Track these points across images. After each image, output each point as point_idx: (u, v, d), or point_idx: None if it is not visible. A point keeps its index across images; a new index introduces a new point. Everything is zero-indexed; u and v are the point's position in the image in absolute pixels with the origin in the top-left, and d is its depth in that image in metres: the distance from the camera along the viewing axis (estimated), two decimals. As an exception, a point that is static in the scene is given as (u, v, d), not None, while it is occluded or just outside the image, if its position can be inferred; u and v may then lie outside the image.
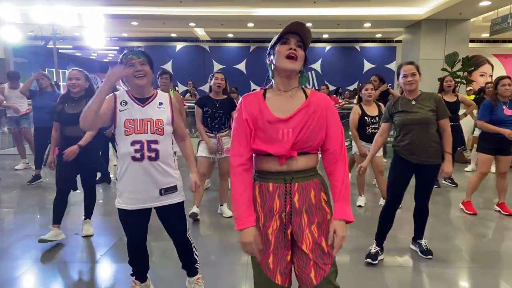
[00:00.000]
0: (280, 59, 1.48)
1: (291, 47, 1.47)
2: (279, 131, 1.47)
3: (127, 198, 2.13)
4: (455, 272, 2.89)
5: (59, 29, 6.99)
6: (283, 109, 1.50)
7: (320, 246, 1.50)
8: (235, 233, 3.71)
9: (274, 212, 1.51)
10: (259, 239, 1.50)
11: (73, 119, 3.12)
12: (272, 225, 1.51)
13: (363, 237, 3.65)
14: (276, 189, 1.50)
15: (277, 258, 1.51)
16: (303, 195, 1.51)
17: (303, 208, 1.51)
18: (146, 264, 2.39)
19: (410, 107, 2.88)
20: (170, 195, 2.18)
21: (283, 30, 1.50)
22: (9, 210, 4.34)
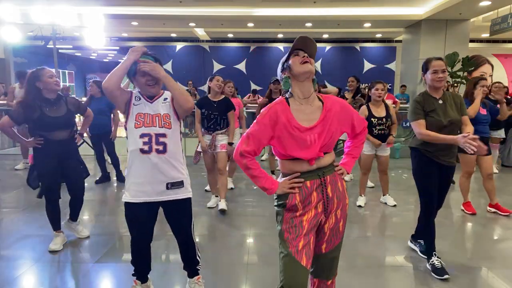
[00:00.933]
0: (296, 66, 1.73)
1: (302, 56, 1.74)
2: (307, 138, 1.71)
3: (134, 191, 2.17)
4: (455, 272, 2.89)
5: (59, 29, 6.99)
6: (307, 118, 1.74)
7: (338, 226, 1.82)
8: (235, 233, 3.71)
9: (312, 203, 1.75)
10: (286, 182, 1.75)
11: (59, 122, 3.07)
12: (308, 214, 1.74)
13: (363, 236, 3.66)
14: (313, 184, 1.75)
15: (305, 241, 1.71)
16: (333, 186, 1.79)
17: (334, 196, 1.78)
18: (149, 264, 2.39)
19: (440, 107, 2.71)
20: (177, 190, 2.22)
21: (292, 46, 1.76)
22: (9, 210, 4.34)
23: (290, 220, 1.74)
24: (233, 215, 4.19)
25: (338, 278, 2.24)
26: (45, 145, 3.08)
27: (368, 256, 3.19)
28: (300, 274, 1.67)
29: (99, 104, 5.09)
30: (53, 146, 3.10)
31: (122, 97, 2.14)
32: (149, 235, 2.30)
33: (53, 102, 3.08)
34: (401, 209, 4.41)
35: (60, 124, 3.09)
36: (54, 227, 3.32)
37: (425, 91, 2.80)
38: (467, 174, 4.21)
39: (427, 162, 2.79)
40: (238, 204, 4.56)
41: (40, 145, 3.08)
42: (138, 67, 2.11)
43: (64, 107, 3.15)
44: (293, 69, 1.74)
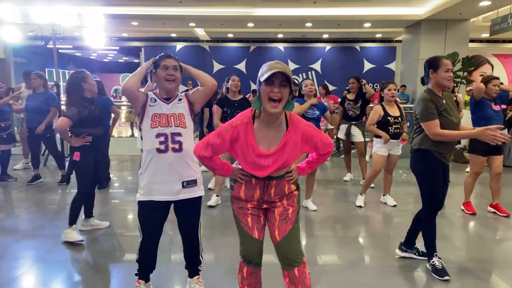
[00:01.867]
0: (264, 102, 1.72)
1: (274, 90, 1.69)
2: (261, 162, 1.82)
3: (152, 189, 2.20)
4: (456, 272, 2.89)
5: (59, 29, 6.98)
6: (268, 142, 1.83)
7: (287, 212, 1.94)
8: (235, 233, 3.71)
9: (254, 198, 1.94)
10: (238, 171, 1.94)
11: (99, 119, 3.47)
12: (251, 203, 1.96)
13: (363, 236, 3.66)
14: (257, 183, 1.91)
15: (253, 218, 1.94)
16: (278, 189, 1.93)
17: (277, 197, 1.94)
18: (154, 263, 2.40)
19: (447, 107, 2.67)
20: (191, 188, 2.27)
21: (266, 75, 1.67)
22: (9, 210, 4.34)
23: (238, 202, 1.98)
24: (232, 214, 4.19)
25: (339, 278, 2.24)
26: (91, 142, 3.37)
27: (368, 256, 3.19)
28: (254, 244, 1.93)
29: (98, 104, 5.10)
30: (95, 142, 3.41)
31: (141, 99, 2.20)
32: (160, 234, 2.33)
33: (91, 100, 3.43)
34: (401, 209, 4.41)
35: (100, 120, 3.48)
36: (74, 221, 3.44)
37: (430, 90, 2.70)
38: (475, 174, 4.18)
39: (435, 163, 2.73)
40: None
41: (89, 143, 3.35)
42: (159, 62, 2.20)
43: (96, 105, 3.50)
44: (263, 103, 1.73)
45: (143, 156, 2.24)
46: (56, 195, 4.95)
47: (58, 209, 4.43)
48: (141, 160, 2.29)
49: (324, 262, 3.05)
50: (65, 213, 4.27)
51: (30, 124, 5.21)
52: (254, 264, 1.96)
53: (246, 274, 1.98)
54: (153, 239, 2.31)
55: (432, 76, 2.67)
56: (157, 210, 2.24)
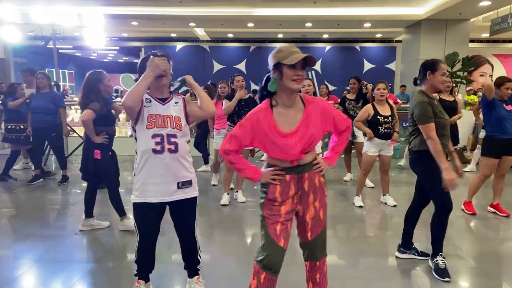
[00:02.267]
0: (288, 81, 1.80)
1: (298, 73, 1.80)
2: (288, 142, 1.85)
3: (147, 191, 2.20)
4: (456, 272, 2.89)
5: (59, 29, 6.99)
6: (288, 122, 1.87)
7: (318, 215, 2.00)
8: (235, 233, 3.72)
9: (289, 195, 1.94)
10: (269, 172, 1.94)
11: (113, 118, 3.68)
12: (286, 205, 1.94)
13: (363, 236, 3.66)
14: (292, 179, 1.93)
15: (283, 227, 1.93)
16: (310, 182, 1.96)
17: (310, 190, 1.96)
18: (153, 263, 2.40)
19: (440, 108, 2.76)
20: (186, 189, 2.26)
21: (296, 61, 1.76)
22: (9, 210, 4.35)
23: (270, 208, 1.94)
24: (233, 215, 4.19)
25: (339, 278, 2.24)
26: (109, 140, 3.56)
27: (368, 256, 3.19)
28: (278, 252, 1.93)
29: None
30: (111, 140, 3.58)
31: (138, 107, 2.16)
32: (157, 234, 2.33)
33: (106, 100, 3.54)
34: (401, 209, 4.40)
35: (114, 119, 3.67)
36: (122, 212, 3.69)
37: (424, 92, 2.75)
38: (484, 177, 4.12)
39: (433, 164, 2.70)
40: (238, 204, 4.57)
41: (106, 141, 3.52)
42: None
43: (108, 105, 3.62)
44: (284, 81, 1.81)
45: (138, 157, 2.22)
46: (56, 195, 4.96)
47: (58, 209, 4.43)
48: (136, 160, 2.25)
49: (324, 262, 3.05)
50: (65, 213, 4.28)
51: (37, 124, 5.21)
52: (274, 271, 1.94)
53: (264, 280, 1.93)
54: (150, 240, 2.30)
55: (429, 78, 2.71)
56: (152, 211, 2.23)
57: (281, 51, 1.82)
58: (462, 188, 5.37)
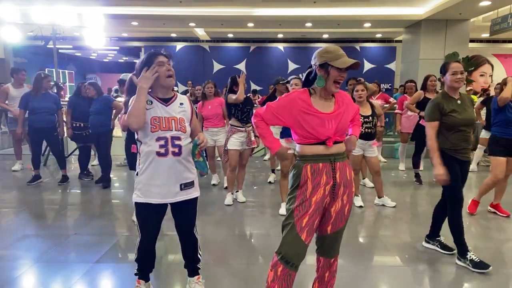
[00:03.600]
0: (330, 83, 1.93)
1: (342, 75, 1.92)
2: (325, 121, 1.94)
3: (150, 192, 2.19)
4: (456, 272, 2.89)
5: (59, 29, 6.99)
6: (324, 109, 1.97)
7: (343, 210, 2.02)
8: (235, 233, 3.72)
9: (321, 184, 1.95)
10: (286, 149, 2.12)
11: None
12: (317, 195, 1.94)
13: (364, 236, 3.66)
14: (324, 167, 1.96)
15: (310, 221, 1.93)
16: (341, 173, 1.99)
17: (342, 182, 1.99)
18: (153, 263, 2.41)
19: (459, 107, 2.88)
20: (188, 190, 2.27)
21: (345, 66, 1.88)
22: (9, 210, 4.34)
23: (301, 199, 1.94)
24: (233, 215, 4.19)
25: (339, 278, 2.24)
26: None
27: (369, 256, 3.19)
28: (299, 246, 1.91)
29: (97, 105, 5.18)
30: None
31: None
32: (157, 233, 2.34)
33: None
34: (401, 209, 4.41)
35: None
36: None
37: (444, 92, 2.95)
38: (496, 178, 3.97)
39: (450, 161, 2.90)
40: (238, 204, 4.57)
41: None
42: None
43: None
44: (328, 82, 1.93)
45: (141, 158, 2.21)
46: (56, 195, 4.96)
47: (58, 209, 4.43)
48: (138, 160, 2.25)
49: (324, 262, 3.05)
50: (65, 213, 4.28)
51: (40, 124, 5.23)
52: (291, 264, 1.92)
53: (280, 273, 1.92)
54: (151, 239, 2.31)
55: (443, 80, 2.97)
56: (154, 211, 2.24)
57: (329, 52, 1.91)
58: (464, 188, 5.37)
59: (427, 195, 5.07)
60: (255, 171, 6.50)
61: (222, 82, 5.45)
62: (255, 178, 6.02)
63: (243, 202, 4.58)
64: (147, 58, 2.17)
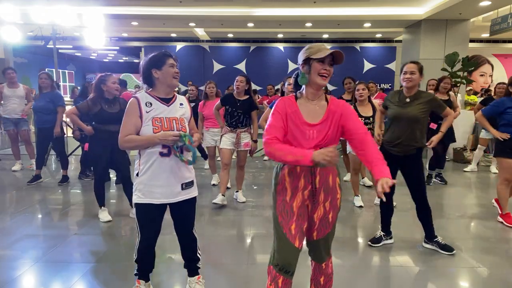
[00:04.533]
0: (315, 76, 1.85)
1: (325, 68, 1.84)
2: (307, 132, 1.86)
3: (152, 192, 2.20)
4: (456, 272, 2.89)
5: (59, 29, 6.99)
6: (311, 116, 1.88)
7: (327, 217, 1.95)
8: (235, 233, 3.72)
9: (299, 188, 1.90)
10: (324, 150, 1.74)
11: (114, 117, 3.72)
12: (296, 200, 1.90)
13: (364, 237, 3.66)
14: (302, 171, 1.88)
15: (297, 226, 1.88)
16: (323, 178, 1.90)
17: (322, 188, 1.91)
18: (153, 263, 2.41)
19: (403, 103, 3.11)
20: (188, 189, 2.30)
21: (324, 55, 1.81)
22: (9, 210, 4.34)
23: (282, 205, 1.91)
24: (233, 214, 4.19)
25: (338, 278, 2.24)
26: (100, 136, 3.80)
27: (368, 256, 3.19)
28: (293, 253, 1.88)
29: None
30: (106, 137, 3.73)
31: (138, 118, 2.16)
32: (158, 234, 2.34)
33: (110, 101, 3.78)
34: (401, 209, 4.41)
35: (113, 119, 3.69)
36: (100, 203, 3.96)
37: (398, 90, 3.24)
38: (505, 180, 3.87)
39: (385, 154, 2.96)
40: (238, 204, 4.56)
41: (91, 133, 3.86)
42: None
43: (118, 106, 3.80)
44: (311, 76, 1.86)
45: (142, 158, 2.22)
46: (57, 195, 4.96)
47: (58, 209, 4.43)
48: (138, 161, 2.24)
49: (324, 262, 3.05)
50: (65, 213, 4.28)
51: (40, 124, 5.26)
52: (291, 273, 1.90)
53: (282, 284, 1.88)
54: (151, 240, 2.31)
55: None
56: (155, 212, 2.24)
57: (311, 47, 1.89)
58: (458, 189, 5.38)
59: (428, 195, 5.05)
60: (255, 171, 6.50)
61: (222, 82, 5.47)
62: (255, 178, 6.02)
63: (243, 202, 4.57)
64: (159, 58, 2.18)
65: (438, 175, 5.61)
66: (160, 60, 2.17)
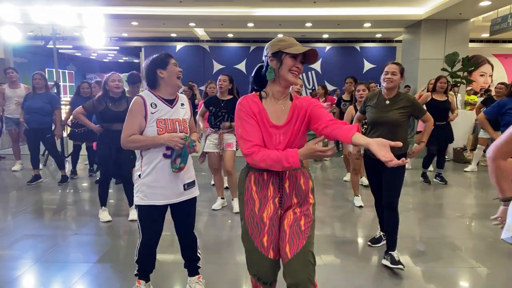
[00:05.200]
0: (286, 72, 1.70)
1: (297, 66, 1.70)
2: (273, 135, 1.71)
3: (154, 194, 2.20)
4: (456, 272, 2.89)
5: (59, 29, 6.97)
6: (277, 116, 1.74)
7: (298, 224, 1.72)
8: (235, 233, 3.71)
9: (268, 197, 1.75)
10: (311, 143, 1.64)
11: (119, 116, 3.66)
12: (267, 210, 1.74)
13: (363, 237, 3.66)
14: (270, 178, 1.75)
15: (270, 237, 1.73)
16: (292, 182, 1.77)
17: (293, 192, 1.77)
18: (154, 263, 2.41)
19: (383, 105, 2.93)
20: (190, 189, 2.31)
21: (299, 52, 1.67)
22: (9, 210, 4.34)
23: (251, 216, 1.75)
24: (233, 214, 4.19)
25: (337, 279, 2.23)
26: (105, 135, 3.81)
27: (368, 256, 3.19)
28: (269, 265, 1.74)
29: None
30: (111, 136, 3.67)
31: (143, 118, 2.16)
32: (160, 234, 2.34)
33: (116, 99, 3.78)
34: (401, 209, 4.39)
35: (119, 118, 3.63)
36: (102, 203, 4.00)
37: (379, 91, 3.05)
38: None
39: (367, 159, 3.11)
40: (237, 204, 4.56)
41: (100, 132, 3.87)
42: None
43: (125, 104, 3.75)
44: (281, 72, 1.70)
45: (144, 159, 2.21)
46: (56, 195, 4.96)
47: (58, 209, 4.43)
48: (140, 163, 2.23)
49: (324, 262, 3.05)
50: (65, 213, 4.28)
51: (31, 124, 5.20)
52: (270, 283, 1.78)
53: None
54: (152, 241, 2.31)
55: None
56: (158, 213, 2.25)
57: (283, 40, 1.72)
58: (458, 189, 5.38)
59: (427, 195, 5.07)
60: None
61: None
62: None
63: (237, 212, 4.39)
64: (163, 58, 2.19)
65: (438, 175, 5.61)
66: (163, 61, 2.18)
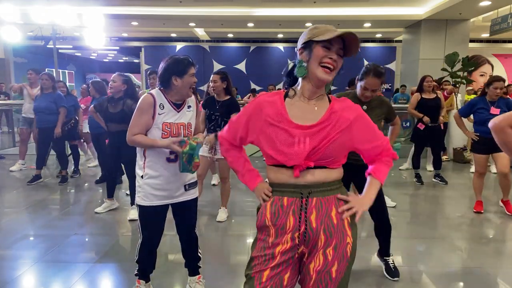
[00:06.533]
0: (315, 66, 1.33)
1: (331, 57, 1.33)
2: (295, 138, 1.32)
3: (156, 195, 2.21)
4: (456, 272, 2.89)
5: (59, 29, 6.99)
6: (304, 116, 1.35)
7: (329, 271, 1.35)
8: (235, 233, 3.71)
9: (286, 229, 1.35)
10: (263, 187, 1.45)
11: (114, 117, 3.84)
12: (282, 244, 1.36)
13: (363, 237, 3.66)
14: (291, 204, 1.35)
15: (272, 274, 1.36)
16: (321, 213, 1.34)
17: (321, 228, 1.34)
18: (154, 263, 2.42)
19: None
20: (191, 190, 2.32)
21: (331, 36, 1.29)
22: (9, 210, 4.34)
23: (261, 248, 1.40)
24: (233, 215, 4.19)
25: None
26: (108, 135, 4.04)
27: (368, 256, 3.19)
28: None
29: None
30: (111, 136, 3.95)
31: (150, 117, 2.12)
32: (161, 235, 2.35)
33: (114, 100, 3.86)
34: (401, 209, 4.41)
35: (114, 118, 3.84)
36: (108, 194, 4.18)
37: (355, 93, 2.77)
38: (478, 174, 4.26)
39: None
40: (237, 204, 4.56)
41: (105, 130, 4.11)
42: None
43: (120, 106, 3.82)
44: (311, 66, 1.34)
45: (147, 162, 2.19)
46: (56, 195, 4.95)
47: (58, 209, 4.43)
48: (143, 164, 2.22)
49: None
50: (65, 213, 4.28)
51: (41, 124, 5.28)
52: None
53: None
54: (153, 241, 2.32)
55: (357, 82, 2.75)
56: (159, 213, 2.26)
57: (316, 28, 1.36)
58: (458, 190, 5.37)
59: (427, 195, 5.07)
60: (255, 171, 6.49)
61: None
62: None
63: (221, 221, 3.91)
64: (184, 67, 2.11)
65: (437, 175, 5.62)
66: (183, 70, 2.10)
